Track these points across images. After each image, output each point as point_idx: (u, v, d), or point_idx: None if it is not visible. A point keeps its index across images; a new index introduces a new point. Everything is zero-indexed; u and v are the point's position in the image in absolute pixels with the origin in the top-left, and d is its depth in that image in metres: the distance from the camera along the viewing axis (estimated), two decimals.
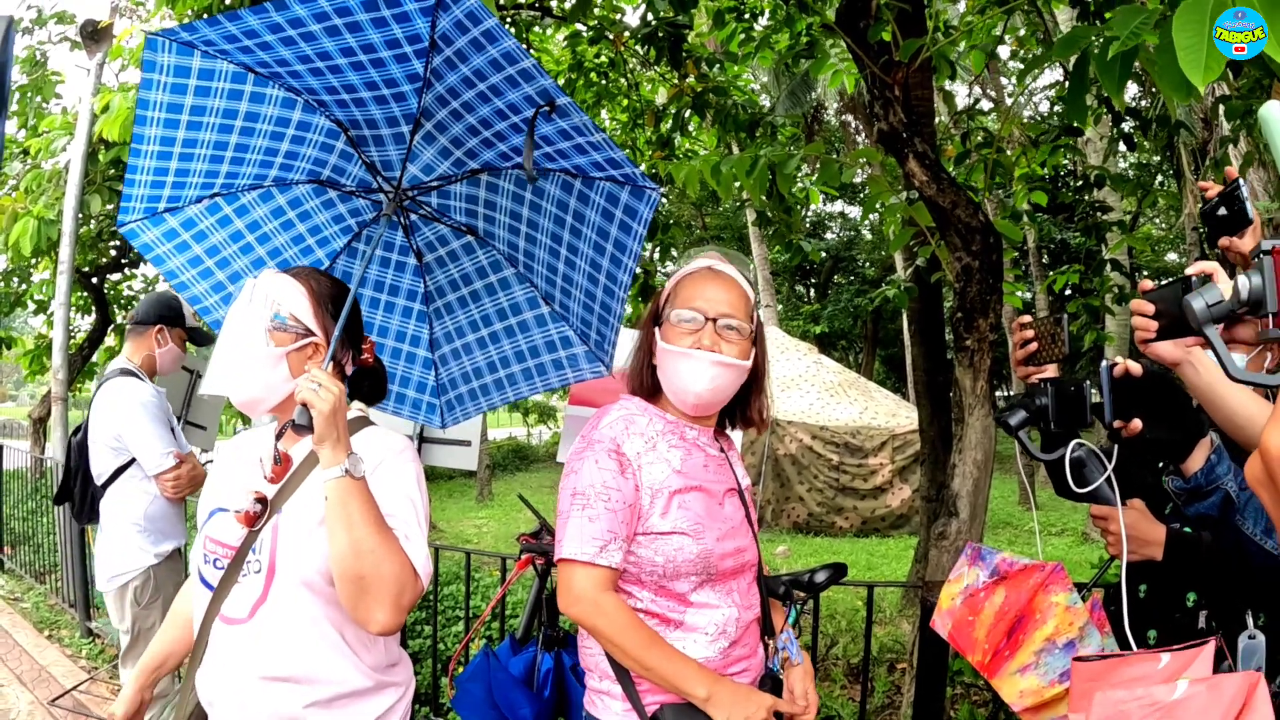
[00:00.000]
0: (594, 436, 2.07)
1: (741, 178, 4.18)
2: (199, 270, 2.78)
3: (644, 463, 2.03)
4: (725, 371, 2.07)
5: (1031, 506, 14.34)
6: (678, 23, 6.48)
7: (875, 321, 27.59)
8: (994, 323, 3.75)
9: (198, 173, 2.53)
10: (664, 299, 2.21)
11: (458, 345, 3.05)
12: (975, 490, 3.73)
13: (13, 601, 7.84)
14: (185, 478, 3.89)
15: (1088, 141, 12.09)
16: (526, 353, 2.97)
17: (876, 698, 5.39)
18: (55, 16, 9.64)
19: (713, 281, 2.14)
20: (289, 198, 2.75)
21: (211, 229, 2.71)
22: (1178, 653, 1.66)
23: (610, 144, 2.18)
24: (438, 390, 3.12)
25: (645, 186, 2.28)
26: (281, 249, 2.82)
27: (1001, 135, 5.67)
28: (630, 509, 1.97)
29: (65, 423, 7.37)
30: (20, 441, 14.06)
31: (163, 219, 2.65)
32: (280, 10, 2.02)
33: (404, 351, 3.06)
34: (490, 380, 3.07)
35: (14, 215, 7.88)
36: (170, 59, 2.24)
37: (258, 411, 2.06)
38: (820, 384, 15.15)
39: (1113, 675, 1.72)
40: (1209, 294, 1.56)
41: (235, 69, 2.31)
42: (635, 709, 1.97)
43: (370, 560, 1.78)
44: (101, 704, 5.27)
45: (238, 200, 2.69)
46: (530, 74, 2.03)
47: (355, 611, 1.82)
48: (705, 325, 2.07)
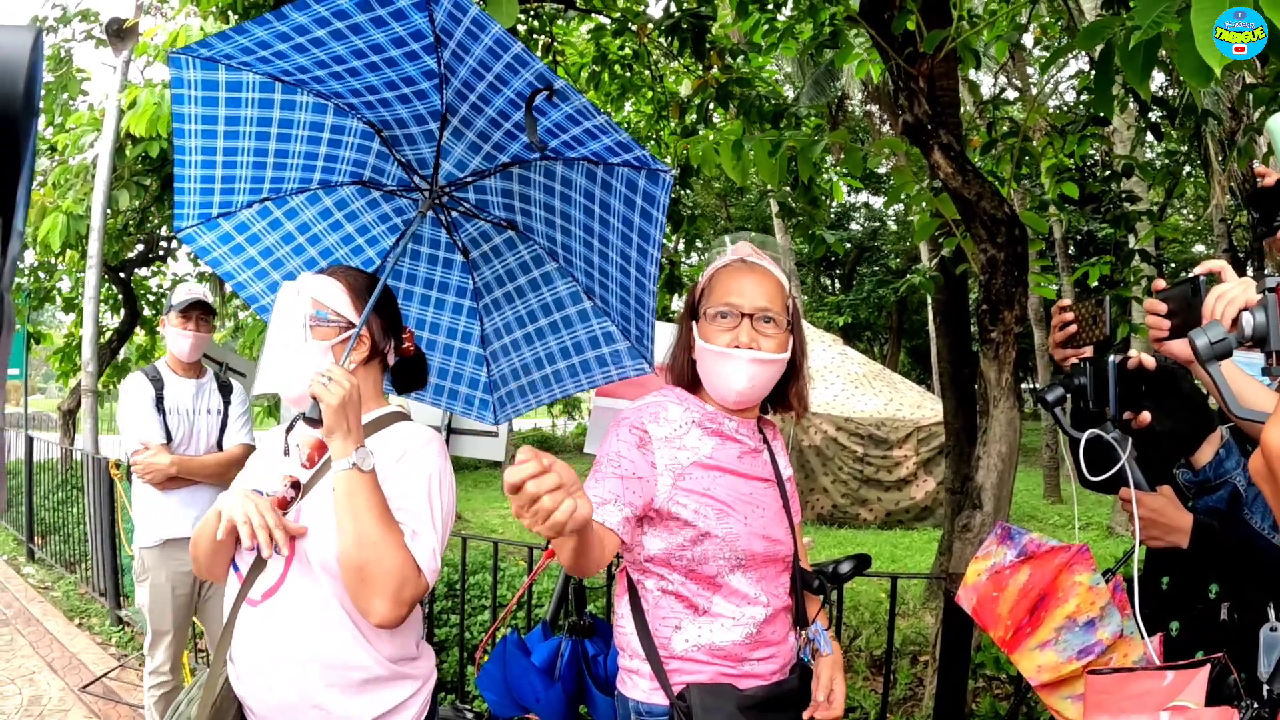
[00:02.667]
0: (623, 419, 2.10)
1: (762, 160, 4.17)
2: (254, 271, 2.83)
3: (668, 446, 2.04)
4: (764, 368, 2.08)
5: (1059, 497, 14.27)
6: (701, 14, 6.47)
7: (900, 313, 27.49)
8: (1019, 315, 3.73)
9: (243, 179, 2.57)
10: (699, 292, 2.21)
11: (506, 341, 3.05)
12: (999, 483, 3.72)
13: (44, 590, 7.95)
14: (142, 465, 4.00)
15: (1114, 131, 11.99)
16: (571, 349, 2.96)
17: (898, 689, 5.39)
18: (80, 14, 9.72)
19: (747, 275, 2.13)
20: (335, 199, 2.78)
21: (264, 232, 2.76)
22: (1181, 672, 1.69)
23: (615, 126, 2.17)
24: (490, 387, 3.13)
25: (659, 169, 2.25)
26: (333, 249, 2.86)
27: (1027, 125, 5.64)
28: (641, 481, 1.97)
29: (95, 415, 7.46)
30: (50, 434, 14.21)
31: (217, 224, 2.70)
32: (281, 19, 2.03)
33: (456, 348, 3.08)
34: (538, 377, 3.07)
35: (43, 210, 7.97)
36: (195, 74, 2.28)
37: (308, 406, 2.10)
38: (845, 375, 15.12)
39: (1122, 690, 1.77)
40: (1212, 332, 1.56)
41: (261, 78, 2.33)
42: (662, 687, 2.00)
43: (372, 552, 1.82)
44: (131, 690, 5.34)
45: (286, 203, 2.73)
46: (523, 59, 2.02)
47: (356, 601, 1.87)
48: (741, 321, 2.07)
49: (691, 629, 2.03)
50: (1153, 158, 15.50)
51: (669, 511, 2.00)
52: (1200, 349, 1.57)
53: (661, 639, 2.04)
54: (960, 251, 5.05)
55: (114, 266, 10.13)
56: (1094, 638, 2.06)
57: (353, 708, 1.96)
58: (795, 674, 2.15)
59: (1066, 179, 5.88)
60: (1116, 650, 2.07)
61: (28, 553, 9.34)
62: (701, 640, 2.02)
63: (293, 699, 1.93)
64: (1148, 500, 2.04)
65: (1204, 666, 1.65)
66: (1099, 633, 2.06)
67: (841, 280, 31.58)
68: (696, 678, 2.00)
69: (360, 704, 1.96)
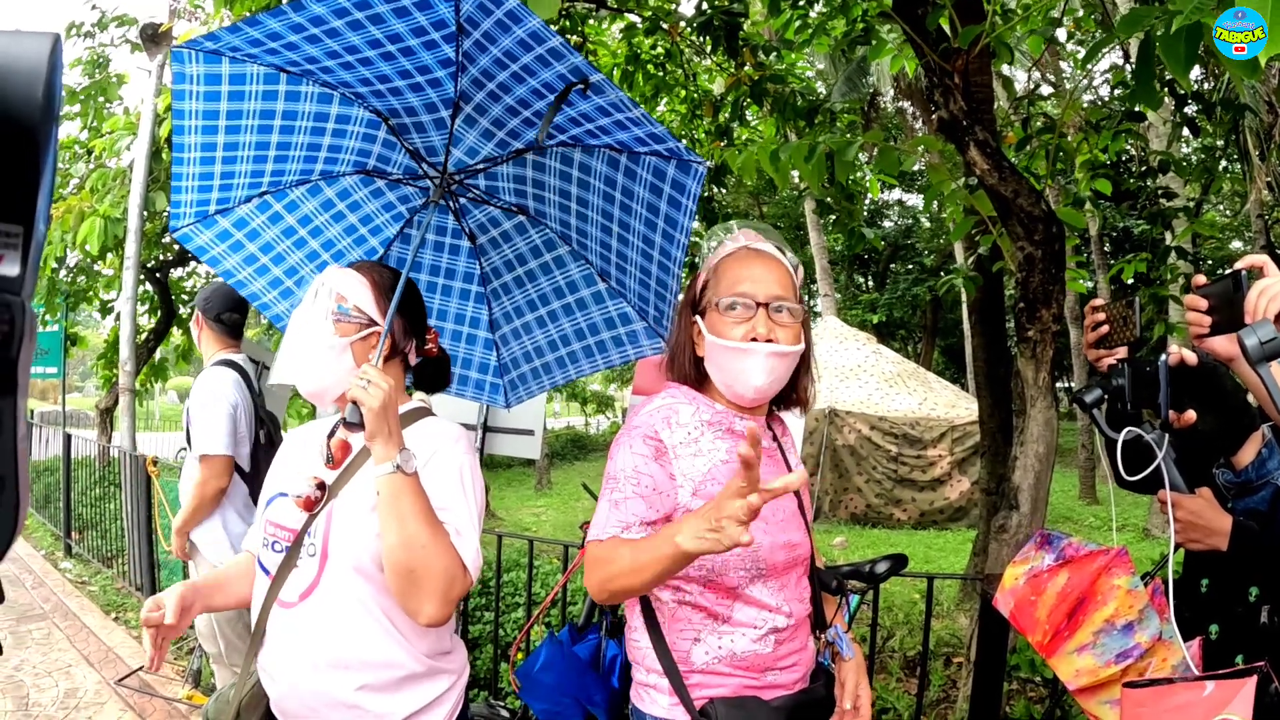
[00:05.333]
0: (634, 423, 2.00)
1: (800, 165, 4.14)
2: (255, 268, 2.82)
3: (685, 454, 1.93)
4: (782, 362, 1.96)
5: (1095, 498, 14.14)
6: (733, 11, 6.46)
7: (934, 311, 27.31)
8: (1057, 313, 3.69)
9: (243, 174, 2.55)
10: (702, 284, 2.08)
11: (517, 325, 3.04)
12: (1036, 484, 3.68)
13: (81, 585, 8.05)
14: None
15: (1149, 126, 11.85)
16: (586, 330, 2.96)
17: (932, 691, 5.35)
18: (116, 20, 9.83)
19: (756, 262, 2.02)
20: (337, 190, 2.77)
21: (264, 226, 2.74)
22: (1222, 682, 1.64)
23: (649, 119, 2.14)
24: (500, 370, 3.12)
25: (691, 160, 2.22)
26: (335, 240, 2.85)
27: (1063, 120, 5.58)
28: (661, 495, 1.89)
29: (132, 413, 7.54)
30: (88, 431, 14.39)
31: (214, 221, 2.68)
32: (299, 10, 2.01)
33: (464, 333, 3.07)
34: (551, 359, 3.06)
35: (80, 214, 8.06)
36: (199, 69, 2.26)
37: (325, 401, 2.11)
38: (879, 374, 15.06)
39: (1160, 703, 1.71)
40: (1262, 331, 1.53)
41: (266, 70, 2.32)
42: (683, 702, 1.90)
43: (421, 555, 1.81)
44: (166, 684, 5.40)
45: (287, 196, 2.71)
46: (559, 52, 2.01)
47: (404, 603, 1.86)
48: (757, 312, 1.95)
49: (712, 640, 1.92)
50: (1188, 153, 15.31)
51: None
52: (1250, 349, 1.54)
53: (680, 652, 1.94)
54: (996, 249, 5.00)
55: (151, 268, 10.23)
56: (1132, 641, 2.04)
57: (389, 705, 1.95)
58: (820, 681, 2.05)
59: (1101, 175, 5.80)
60: (1155, 654, 2.04)
61: (65, 548, 9.46)
62: (722, 651, 1.92)
63: (327, 700, 1.93)
64: (1187, 502, 2.01)
65: (1250, 677, 1.61)
66: (1137, 636, 2.04)
67: (875, 278, 31.42)
68: (719, 691, 1.91)
69: (397, 701, 1.96)
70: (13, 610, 7.02)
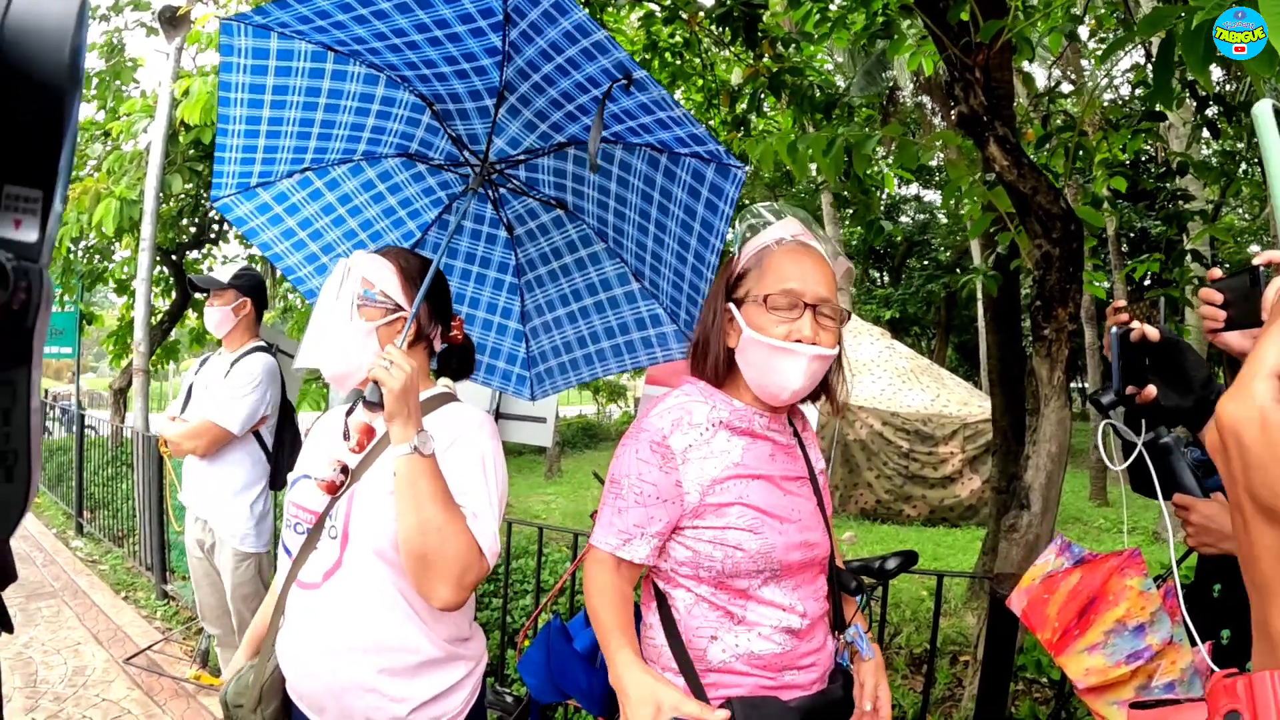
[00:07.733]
0: (643, 425, 1.95)
1: (818, 157, 4.13)
2: (292, 242, 2.83)
3: (694, 457, 1.88)
4: (823, 365, 1.91)
5: (1106, 500, 14.08)
6: (753, 2, 6.43)
7: (949, 307, 27.20)
8: (1073, 312, 3.67)
9: (286, 149, 2.56)
10: (737, 271, 2.00)
11: (548, 319, 3.04)
12: (1048, 483, 3.66)
13: (91, 564, 8.10)
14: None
15: (1169, 127, 11.78)
16: (616, 329, 2.95)
17: (937, 689, 5.33)
18: (132, 3, 9.84)
19: (805, 257, 1.92)
20: (378, 171, 2.77)
21: (303, 202, 2.75)
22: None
23: (691, 119, 2.11)
24: (528, 363, 3.12)
25: (730, 164, 2.19)
26: (373, 220, 2.86)
27: (1083, 118, 5.54)
28: (665, 504, 1.87)
29: (146, 394, 7.57)
30: (101, 411, 14.45)
31: (255, 193, 2.70)
32: None
33: (495, 323, 3.07)
34: (580, 355, 3.05)
35: (97, 196, 8.08)
36: (247, 42, 2.27)
37: (347, 385, 2.10)
38: (892, 369, 15.00)
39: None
40: None
41: (314, 48, 2.33)
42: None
43: (436, 538, 1.80)
44: (174, 664, 5.43)
45: (328, 174, 2.72)
46: (604, 46, 2.00)
47: (419, 586, 1.86)
48: (805, 312, 1.87)
49: (729, 638, 1.89)
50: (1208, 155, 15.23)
51: (698, 524, 1.89)
52: None
53: (696, 650, 1.90)
54: (1013, 247, 4.97)
55: (166, 250, 10.26)
56: (1143, 643, 2.03)
57: (408, 690, 1.96)
58: (838, 682, 2.01)
59: (1118, 173, 5.77)
60: (1165, 656, 2.03)
61: (76, 526, 9.53)
62: (740, 649, 1.88)
63: (346, 682, 1.93)
64: (1200, 507, 1.99)
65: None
66: (1148, 638, 2.03)
67: (890, 273, 31.32)
68: (735, 690, 1.87)
69: (415, 686, 1.96)
70: (23, 588, 7.06)
